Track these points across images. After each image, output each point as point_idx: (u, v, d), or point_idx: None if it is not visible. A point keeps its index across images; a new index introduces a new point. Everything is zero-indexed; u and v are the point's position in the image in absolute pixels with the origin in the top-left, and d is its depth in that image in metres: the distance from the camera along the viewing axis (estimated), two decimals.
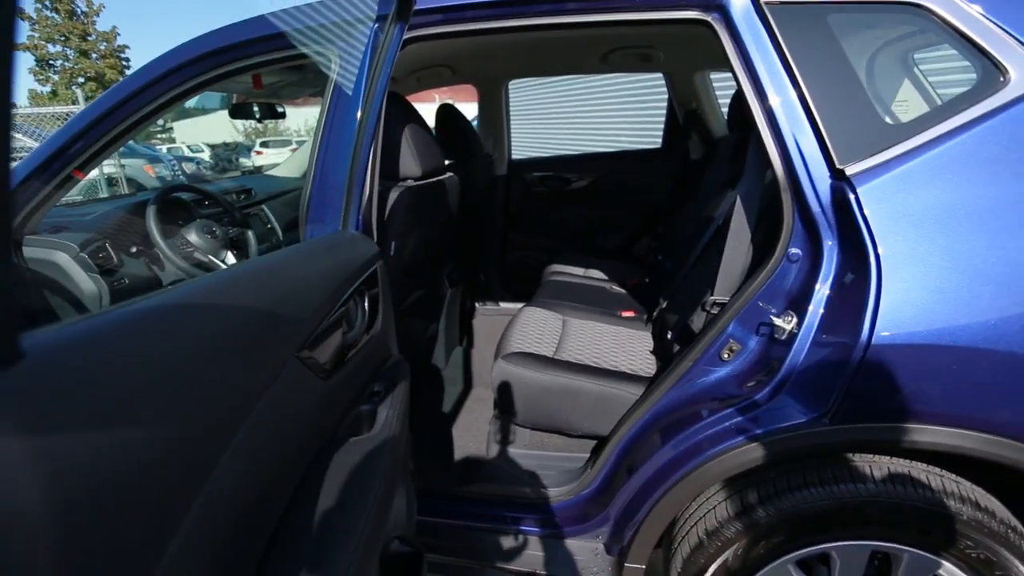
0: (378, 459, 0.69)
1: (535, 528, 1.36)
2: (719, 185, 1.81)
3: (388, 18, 1.00)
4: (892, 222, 0.95)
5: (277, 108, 2.55)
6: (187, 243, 1.83)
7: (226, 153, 15.37)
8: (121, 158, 8.45)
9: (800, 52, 1.04)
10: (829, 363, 0.99)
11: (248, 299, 0.52)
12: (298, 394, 0.60)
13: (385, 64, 1.01)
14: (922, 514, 1.00)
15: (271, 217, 2.44)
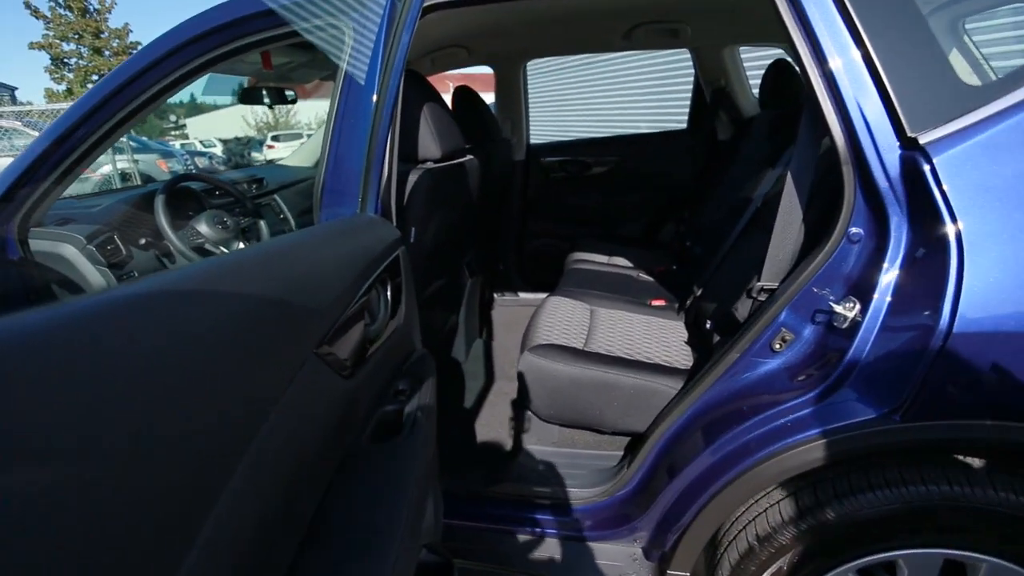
0: (409, 466, 0.61)
1: (566, 531, 1.28)
2: (756, 164, 1.70)
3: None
4: (974, 195, 0.84)
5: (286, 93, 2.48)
6: (197, 234, 1.76)
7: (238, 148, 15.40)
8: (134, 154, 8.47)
9: (865, 7, 0.93)
10: (901, 353, 0.89)
11: (254, 285, 0.44)
12: (319, 396, 0.52)
13: (404, 31, 0.92)
14: (1004, 520, 0.90)
15: (283, 207, 2.38)
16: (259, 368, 0.40)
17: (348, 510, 0.53)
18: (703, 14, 1.89)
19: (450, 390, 1.86)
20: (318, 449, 0.51)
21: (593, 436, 1.48)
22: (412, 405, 0.78)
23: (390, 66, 0.94)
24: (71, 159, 1.32)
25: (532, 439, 1.49)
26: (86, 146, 1.31)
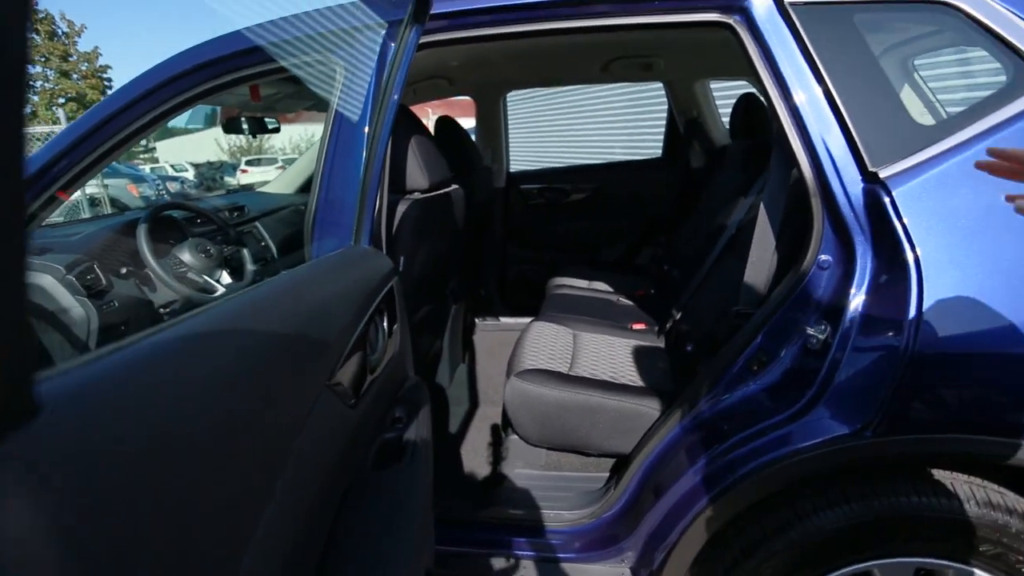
0: (413, 492, 0.63)
1: (555, 553, 1.29)
2: (730, 193, 1.78)
3: (402, 22, 0.96)
4: (930, 225, 0.91)
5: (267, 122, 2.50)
6: (180, 263, 1.75)
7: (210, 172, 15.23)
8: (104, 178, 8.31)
9: (826, 52, 1.01)
10: (869, 373, 0.95)
11: (274, 325, 0.46)
12: (329, 426, 0.54)
13: (400, 70, 0.96)
14: (969, 528, 0.95)
15: (265, 234, 2.37)
16: (285, 403, 0.43)
17: (358, 537, 0.54)
18: (674, 50, 1.99)
19: (436, 416, 1.86)
20: (329, 478, 0.53)
21: (579, 459, 1.51)
22: (410, 432, 0.80)
23: (385, 101, 0.98)
24: (51, 191, 1.32)
25: (519, 463, 1.50)
26: (68, 177, 1.31)
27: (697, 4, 1.07)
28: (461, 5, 1.17)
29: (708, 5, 1.07)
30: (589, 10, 1.14)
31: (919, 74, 1.54)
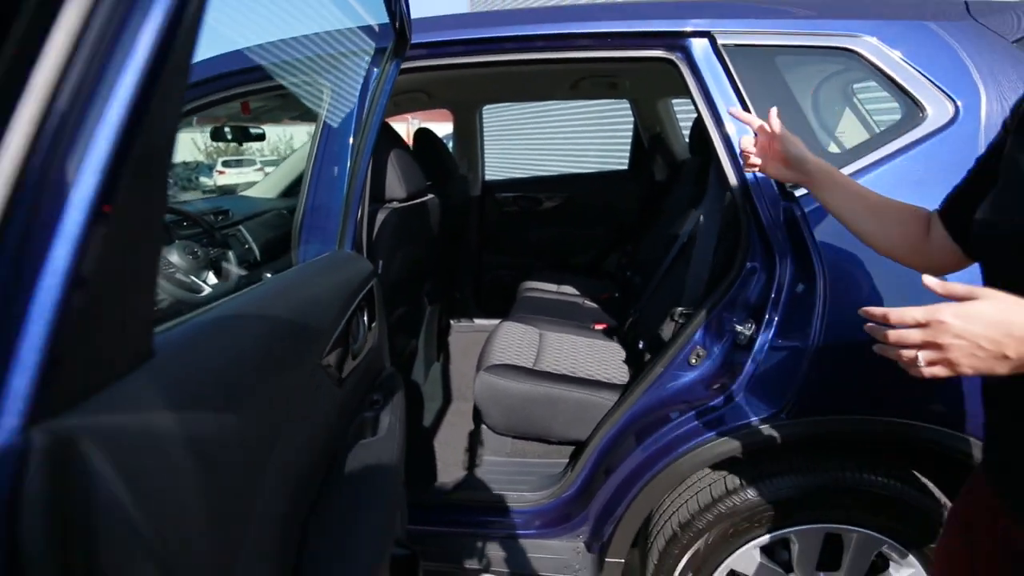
0: (390, 460, 0.76)
1: (519, 531, 1.42)
2: (683, 205, 1.95)
3: (385, 52, 1.09)
4: (835, 237, 1.08)
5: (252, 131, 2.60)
6: (169, 264, 1.85)
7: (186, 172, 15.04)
8: None
9: (752, 87, 1.17)
10: (784, 364, 1.11)
11: (285, 311, 0.58)
12: (322, 396, 0.66)
13: (382, 95, 1.09)
14: (866, 497, 1.11)
15: (248, 237, 2.46)
16: (297, 366, 0.55)
17: (335, 500, 0.67)
18: (637, 72, 2.16)
19: (411, 410, 1.98)
20: (322, 440, 0.66)
21: (542, 446, 1.64)
22: (386, 411, 0.93)
23: (369, 121, 1.11)
24: None
25: (487, 451, 1.63)
26: None
27: (646, 43, 1.22)
28: (439, 36, 1.30)
29: (655, 43, 1.22)
30: (552, 44, 1.28)
31: (858, 98, 1.72)
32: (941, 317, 0.52)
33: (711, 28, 1.17)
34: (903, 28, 1.13)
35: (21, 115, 0.23)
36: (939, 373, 0.54)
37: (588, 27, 1.23)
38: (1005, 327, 0.50)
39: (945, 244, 0.77)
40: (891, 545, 1.13)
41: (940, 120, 1.09)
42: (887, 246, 0.84)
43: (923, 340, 0.53)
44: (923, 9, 1.18)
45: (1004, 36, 1.12)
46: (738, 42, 1.16)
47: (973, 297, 0.52)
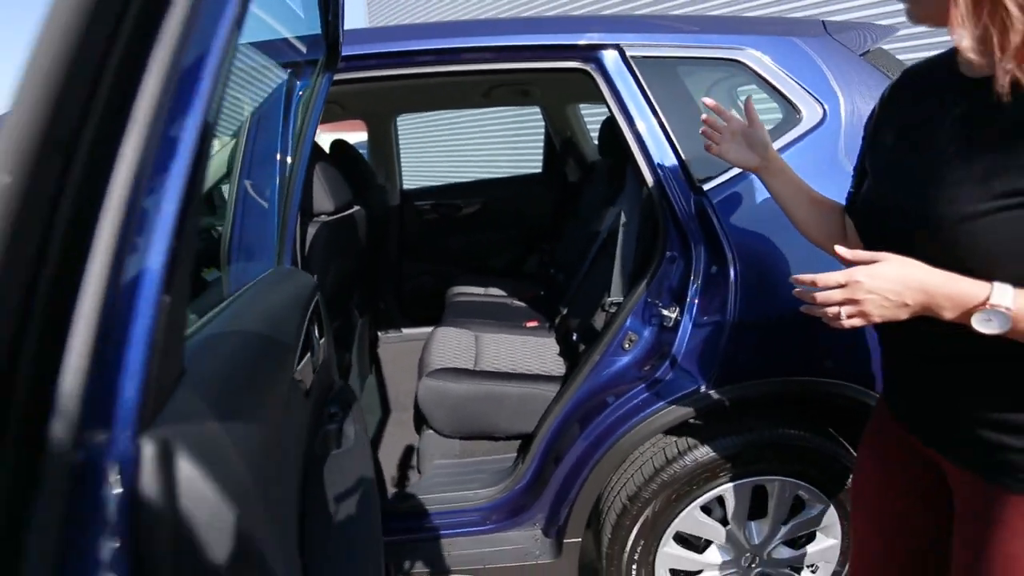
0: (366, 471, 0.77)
1: (476, 528, 1.46)
2: (599, 204, 2.08)
3: (318, 65, 1.09)
4: (740, 224, 1.22)
5: None
6: None
7: None
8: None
9: (659, 94, 1.29)
10: (707, 340, 1.24)
11: (261, 326, 0.59)
12: (297, 408, 0.67)
13: (315, 108, 1.09)
14: (783, 449, 1.27)
15: None
16: (280, 384, 0.56)
17: (331, 515, 0.68)
18: (548, 81, 2.27)
19: None
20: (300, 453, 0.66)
21: (490, 444, 1.69)
22: (348, 423, 0.94)
23: (303, 136, 1.10)
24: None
25: (435, 455, 1.65)
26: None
27: (562, 55, 1.31)
28: (354, 50, 1.31)
29: (571, 55, 1.32)
30: (467, 58, 1.33)
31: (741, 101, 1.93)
32: (857, 277, 0.62)
33: (620, 41, 1.28)
34: (776, 43, 1.31)
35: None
36: (856, 323, 0.64)
37: (508, 40, 1.30)
38: (903, 280, 0.61)
39: (857, 236, 0.88)
40: (806, 488, 1.30)
41: (813, 120, 1.27)
42: (816, 234, 0.93)
43: (843, 298, 0.63)
44: (790, 27, 1.37)
45: (853, 50, 1.33)
46: (644, 54, 1.29)
47: (876, 260, 0.63)
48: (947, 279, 0.61)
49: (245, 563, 0.31)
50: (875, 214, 0.75)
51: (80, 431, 0.23)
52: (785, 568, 1.40)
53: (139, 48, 0.27)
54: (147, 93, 0.27)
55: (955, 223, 0.61)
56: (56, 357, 0.23)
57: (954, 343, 0.66)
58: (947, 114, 0.66)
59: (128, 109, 0.27)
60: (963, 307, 0.60)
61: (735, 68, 1.31)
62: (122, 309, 0.26)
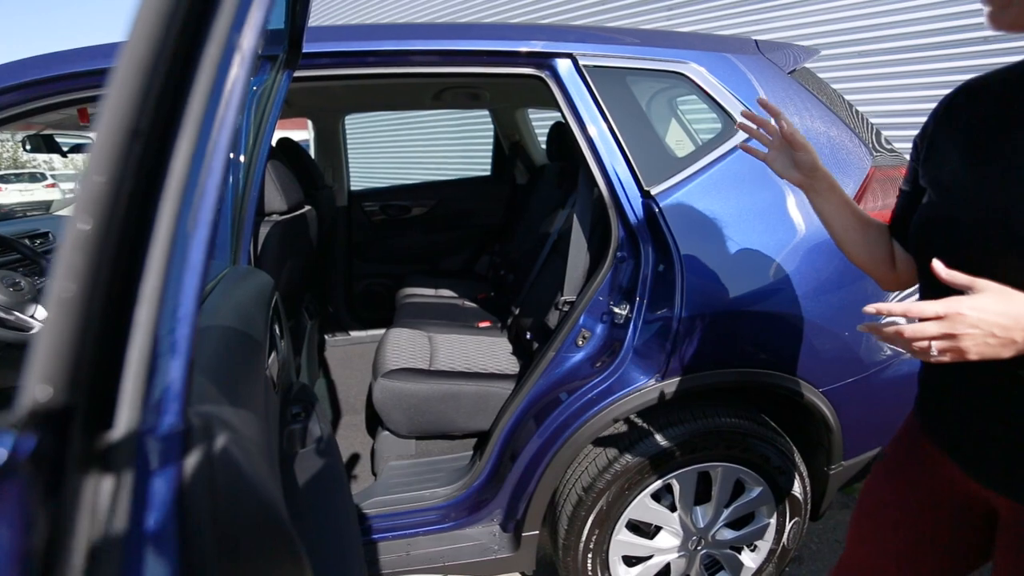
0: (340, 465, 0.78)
1: (435, 527, 1.47)
2: (550, 206, 2.14)
3: (277, 62, 1.07)
4: (685, 227, 1.30)
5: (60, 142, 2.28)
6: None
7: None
8: None
9: (610, 102, 1.35)
10: (657, 335, 1.31)
11: (236, 322, 0.59)
12: (271, 402, 0.67)
13: (274, 107, 1.08)
14: (725, 436, 1.36)
15: None
16: (259, 376, 0.56)
17: (303, 514, 0.68)
18: (498, 85, 2.31)
19: None
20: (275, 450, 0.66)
21: (446, 443, 1.70)
22: (313, 422, 0.93)
23: (263, 129, 1.08)
24: None
25: (391, 457, 1.65)
26: None
27: (517, 61, 1.36)
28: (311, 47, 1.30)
29: (526, 62, 1.36)
30: (421, 60, 1.34)
31: (680, 110, 2.04)
32: (960, 309, 0.54)
33: (574, 51, 1.33)
34: (715, 58, 1.40)
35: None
36: (947, 359, 0.56)
37: (468, 45, 1.33)
38: (1013, 315, 0.53)
39: (905, 259, 0.82)
40: (745, 472, 1.40)
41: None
42: (863, 257, 0.86)
43: (940, 332, 0.55)
44: (726, 44, 1.47)
45: (782, 68, 1.45)
46: (596, 63, 1.35)
47: (975, 288, 0.55)
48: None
49: (267, 523, 0.33)
50: (943, 232, 0.68)
51: (143, 407, 0.24)
52: (728, 549, 1.50)
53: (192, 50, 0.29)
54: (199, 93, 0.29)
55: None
56: (124, 338, 0.24)
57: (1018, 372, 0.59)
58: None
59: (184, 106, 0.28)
60: None
61: (678, 80, 1.39)
62: (173, 290, 0.27)
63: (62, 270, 0.24)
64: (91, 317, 0.24)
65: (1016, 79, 0.66)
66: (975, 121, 0.69)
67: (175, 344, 0.26)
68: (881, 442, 1.55)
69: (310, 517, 0.66)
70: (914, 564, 0.85)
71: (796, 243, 1.33)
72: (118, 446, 0.24)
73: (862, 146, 1.43)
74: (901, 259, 0.84)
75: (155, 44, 0.27)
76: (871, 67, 2.86)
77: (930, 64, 2.66)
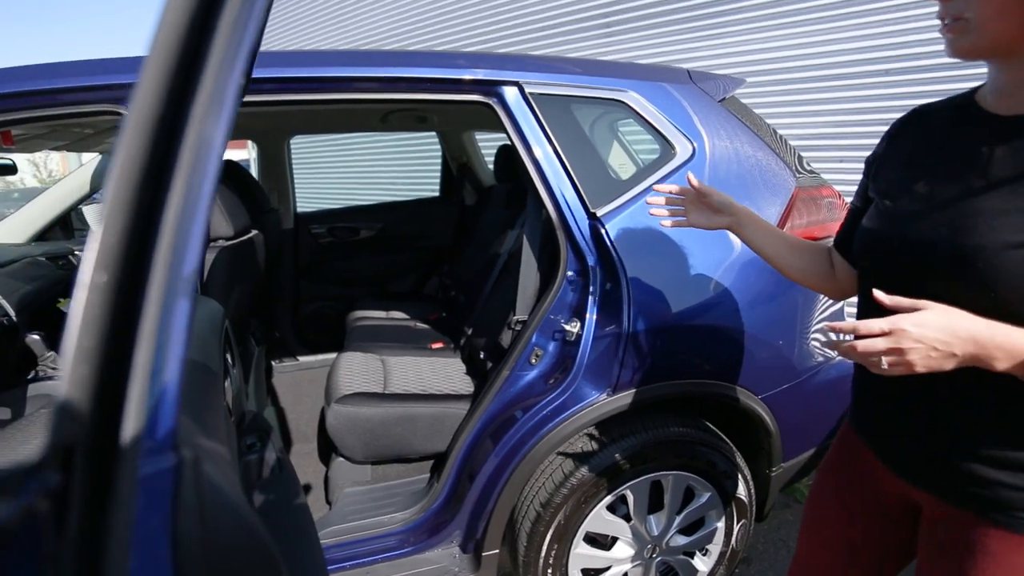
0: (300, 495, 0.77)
1: (395, 552, 1.45)
2: (499, 227, 2.18)
3: None
4: (630, 247, 1.37)
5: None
6: None
7: None
8: None
9: (555, 127, 1.41)
10: (606, 351, 1.36)
11: (196, 354, 0.58)
12: (230, 433, 0.66)
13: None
14: (674, 445, 1.42)
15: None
16: (220, 412, 0.55)
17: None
18: (445, 109, 2.35)
19: None
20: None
21: (403, 466, 1.68)
22: (269, 451, 0.92)
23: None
24: None
25: (347, 483, 1.61)
26: None
27: (464, 89, 1.40)
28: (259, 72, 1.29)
29: (475, 89, 1.40)
30: (367, 87, 1.36)
31: (621, 133, 2.14)
32: (902, 325, 0.58)
33: (520, 79, 1.39)
34: (652, 87, 1.50)
35: None
36: (898, 372, 0.61)
37: (414, 72, 1.36)
38: (951, 330, 0.58)
39: (846, 270, 0.89)
40: (694, 479, 1.46)
41: (685, 156, 1.46)
42: (801, 276, 0.93)
43: (887, 347, 0.59)
44: (663, 73, 1.57)
45: (713, 97, 1.56)
46: (542, 91, 1.41)
47: (918, 307, 0.60)
48: (994, 328, 0.59)
49: (253, 548, 0.33)
50: (885, 248, 0.73)
51: (141, 444, 0.25)
52: (681, 554, 1.55)
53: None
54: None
55: (997, 251, 0.60)
56: (126, 381, 0.25)
57: (955, 383, 0.65)
58: (981, 149, 0.65)
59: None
60: (1018, 357, 0.58)
61: (618, 107, 1.47)
62: (164, 333, 0.28)
63: (80, 323, 0.25)
64: (105, 364, 0.25)
65: (961, 106, 0.71)
66: (921, 144, 0.74)
67: (167, 384, 0.27)
68: (815, 443, 1.66)
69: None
70: (854, 559, 0.91)
71: (732, 260, 1.42)
72: (120, 483, 0.24)
73: (786, 168, 1.55)
74: (844, 272, 0.90)
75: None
76: (790, 94, 3.10)
77: (840, 92, 2.92)
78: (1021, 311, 0.59)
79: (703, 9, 3.43)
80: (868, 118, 2.86)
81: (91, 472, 0.24)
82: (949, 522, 0.73)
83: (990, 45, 0.62)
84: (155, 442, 0.26)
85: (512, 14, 4.56)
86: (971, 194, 0.64)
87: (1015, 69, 0.63)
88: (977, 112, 0.69)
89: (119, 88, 1.19)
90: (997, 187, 0.62)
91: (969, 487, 0.69)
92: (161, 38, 0.31)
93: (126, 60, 1.23)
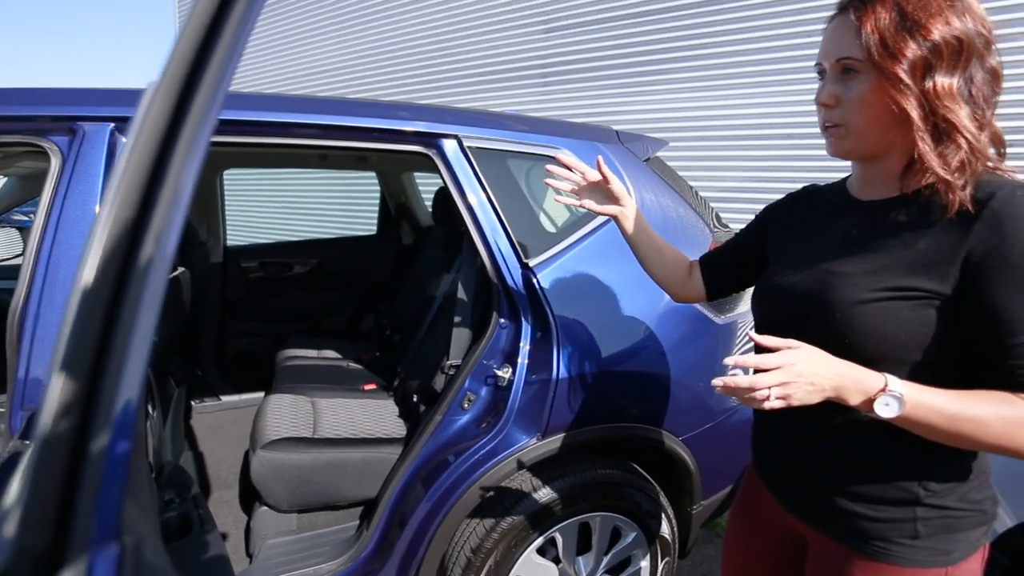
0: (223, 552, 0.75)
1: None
2: (436, 269, 2.21)
3: None
4: (560, 296, 1.44)
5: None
6: None
7: None
8: None
9: (492, 180, 1.48)
10: (537, 397, 1.41)
11: None
12: (152, 493, 0.64)
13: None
14: (601, 486, 1.48)
15: None
16: (142, 470, 0.54)
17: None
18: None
19: None
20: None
21: (330, 514, 1.64)
22: (190, 506, 0.89)
23: None
24: None
25: (271, 534, 1.55)
26: None
27: (404, 139, 1.44)
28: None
29: (415, 140, 1.45)
30: (306, 133, 1.38)
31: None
32: (793, 360, 0.65)
33: (459, 133, 1.46)
34: (584, 145, 1.61)
35: None
36: (778, 405, 0.66)
37: (356, 121, 1.39)
38: (824, 366, 0.66)
39: (699, 284, 1.06)
40: (621, 520, 1.51)
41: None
42: (663, 276, 1.08)
43: (777, 381, 0.64)
44: (593, 133, 1.69)
45: (639, 156, 1.69)
46: (480, 145, 1.48)
47: (791, 346, 0.67)
48: (852, 367, 0.67)
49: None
50: (775, 296, 0.86)
51: (87, 533, 0.26)
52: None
53: None
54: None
55: (849, 305, 0.72)
56: (80, 475, 0.26)
57: (819, 420, 0.76)
58: (843, 223, 0.80)
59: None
60: (868, 393, 0.66)
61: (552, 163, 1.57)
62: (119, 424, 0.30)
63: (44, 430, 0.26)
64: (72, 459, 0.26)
65: (836, 191, 0.86)
66: (808, 219, 0.88)
67: (114, 471, 0.29)
68: (732, 480, 1.77)
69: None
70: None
71: (655, 308, 1.52)
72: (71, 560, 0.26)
73: (704, 223, 1.70)
74: (696, 284, 1.06)
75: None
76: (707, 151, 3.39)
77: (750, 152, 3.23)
78: (867, 355, 0.70)
79: (633, 68, 3.71)
80: (774, 175, 3.17)
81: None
82: (827, 555, 0.82)
83: (862, 149, 0.75)
84: (100, 534, 0.28)
85: (451, 63, 4.72)
86: (837, 259, 0.77)
87: (871, 167, 0.77)
88: (846, 197, 0.83)
89: (40, 120, 1.15)
90: (853, 255, 0.75)
91: (839, 520, 0.78)
92: (151, 117, 0.33)
93: (48, 91, 1.19)
